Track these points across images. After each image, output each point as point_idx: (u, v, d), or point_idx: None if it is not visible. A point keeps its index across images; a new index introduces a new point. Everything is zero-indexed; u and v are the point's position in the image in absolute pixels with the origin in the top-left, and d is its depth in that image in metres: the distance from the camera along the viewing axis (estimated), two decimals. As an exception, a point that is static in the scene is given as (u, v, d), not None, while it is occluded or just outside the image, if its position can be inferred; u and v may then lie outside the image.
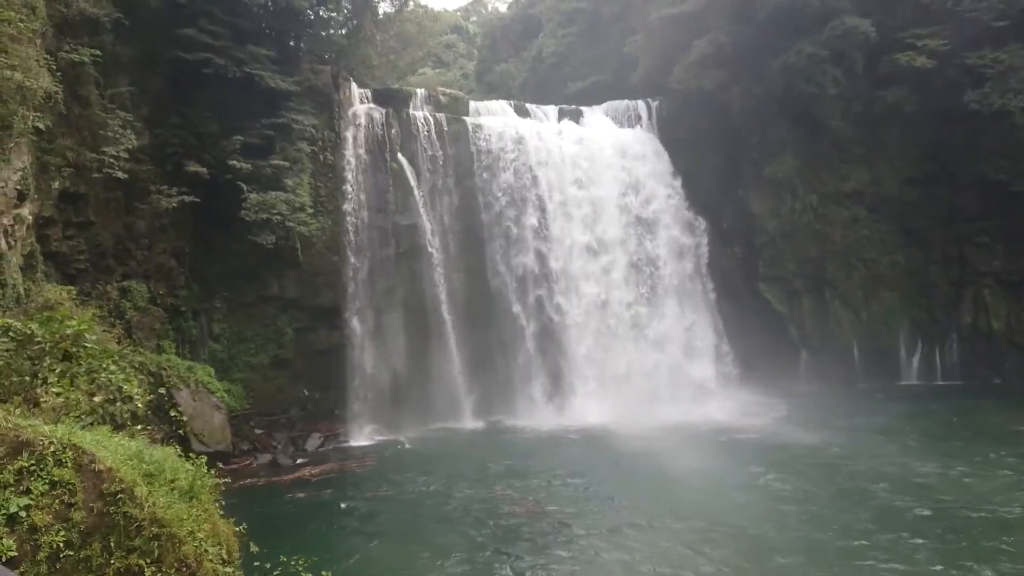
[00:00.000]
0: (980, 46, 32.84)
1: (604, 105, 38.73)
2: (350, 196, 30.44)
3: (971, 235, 35.67)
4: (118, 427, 9.97)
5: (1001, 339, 34.91)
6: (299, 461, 25.81)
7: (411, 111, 32.81)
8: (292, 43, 31.98)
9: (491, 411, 31.43)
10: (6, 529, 6.48)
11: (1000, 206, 34.02)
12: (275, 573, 9.31)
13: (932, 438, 25.87)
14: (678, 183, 36.47)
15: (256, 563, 9.25)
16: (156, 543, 7.03)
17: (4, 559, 6.19)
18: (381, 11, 39.43)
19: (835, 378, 35.52)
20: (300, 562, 9.28)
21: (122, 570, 6.78)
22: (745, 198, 37.80)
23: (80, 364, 10.49)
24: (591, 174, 34.60)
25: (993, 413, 29.16)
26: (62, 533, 6.65)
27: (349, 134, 31.08)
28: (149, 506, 7.12)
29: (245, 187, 26.25)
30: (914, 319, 36.81)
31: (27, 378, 10.25)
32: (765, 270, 37.62)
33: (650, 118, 38.05)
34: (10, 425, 7.20)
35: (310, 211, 28.08)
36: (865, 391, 34.72)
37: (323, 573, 9.33)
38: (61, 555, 6.58)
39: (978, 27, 32.90)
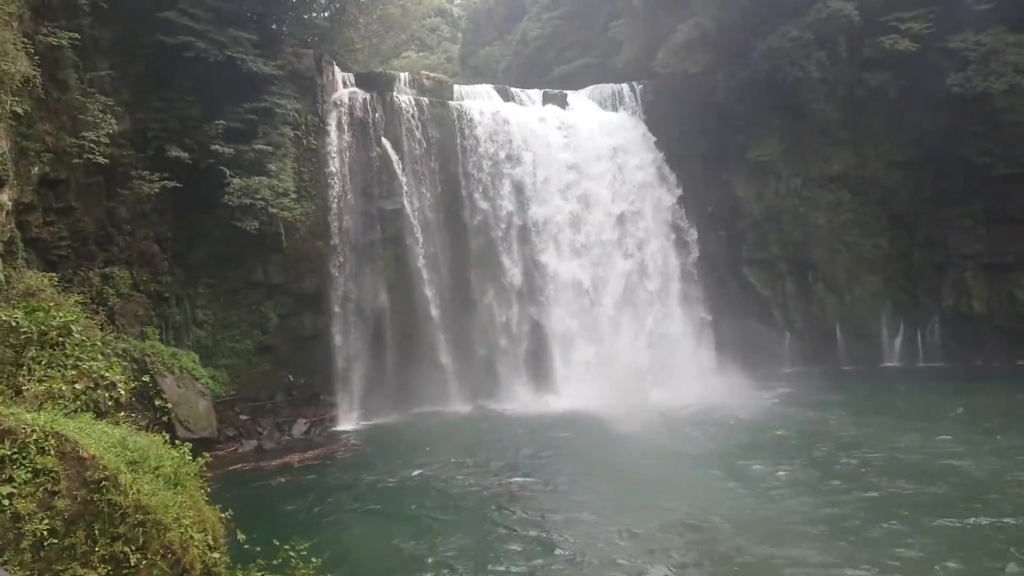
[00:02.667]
0: (963, 29, 32.91)
1: (589, 89, 38.63)
2: (334, 181, 30.20)
3: (954, 218, 35.80)
4: (101, 414, 9.92)
5: (982, 321, 35.24)
6: (285, 447, 25.79)
7: (395, 95, 32.55)
8: (274, 26, 31.64)
9: (478, 395, 31.49)
10: (-11, 518, 6.44)
11: (983, 190, 34.19)
12: (262, 560, 9.31)
13: (940, 420, 25.44)
14: (663, 166, 36.47)
15: (244, 548, 9.25)
16: (141, 530, 7.01)
17: (-13, 548, 6.17)
18: (364, -7, 39.02)
19: (818, 360, 35.95)
20: (296, 547, 9.27)
21: (107, 557, 6.76)
22: (729, 181, 37.91)
23: (66, 355, 10.42)
24: (575, 158, 34.55)
25: (989, 395, 28.86)
26: (46, 521, 6.61)
27: (332, 118, 30.79)
28: (133, 493, 7.10)
29: (228, 172, 25.98)
30: (897, 302, 37.08)
31: (10, 367, 10.16)
32: (749, 253, 37.85)
33: (635, 102, 37.99)
34: (-9, 413, 7.14)
35: (294, 196, 27.86)
36: (848, 373, 35.08)
37: (312, 560, 9.33)
38: (45, 543, 6.56)
39: (961, 10, 32.97)
